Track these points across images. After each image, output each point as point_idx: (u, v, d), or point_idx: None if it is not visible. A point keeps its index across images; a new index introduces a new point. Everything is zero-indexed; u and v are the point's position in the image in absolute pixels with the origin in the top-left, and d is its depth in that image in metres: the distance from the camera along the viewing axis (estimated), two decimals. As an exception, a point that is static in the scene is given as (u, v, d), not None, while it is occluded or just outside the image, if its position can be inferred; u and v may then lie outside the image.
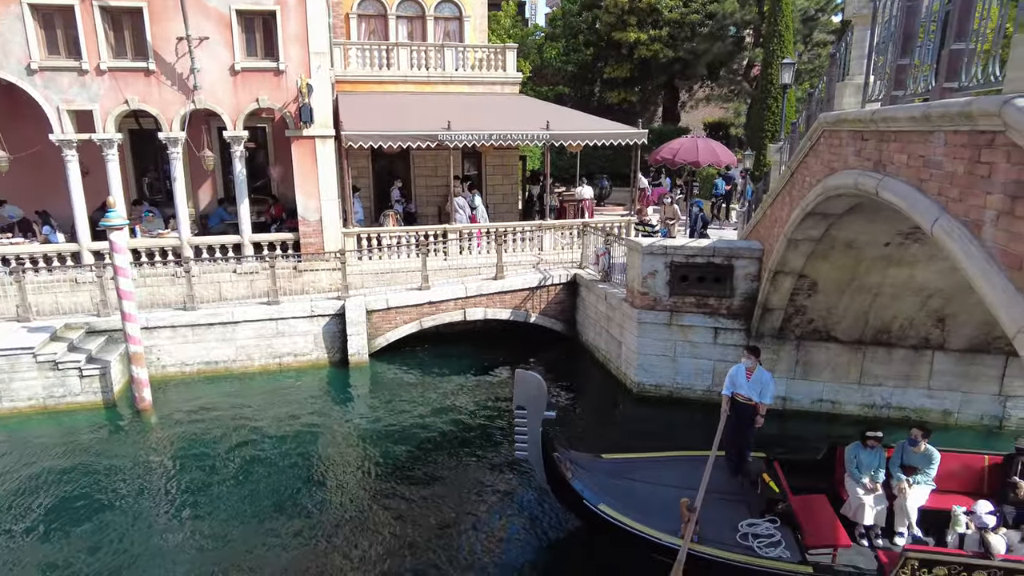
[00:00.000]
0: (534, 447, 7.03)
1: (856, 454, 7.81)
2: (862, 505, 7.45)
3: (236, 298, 14.20)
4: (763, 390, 8.12)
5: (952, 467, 7.99)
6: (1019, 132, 3.91)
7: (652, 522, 7.12)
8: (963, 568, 6.30)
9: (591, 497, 7.22)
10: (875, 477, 7.62)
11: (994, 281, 4.19)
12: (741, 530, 7.23)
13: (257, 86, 14.17)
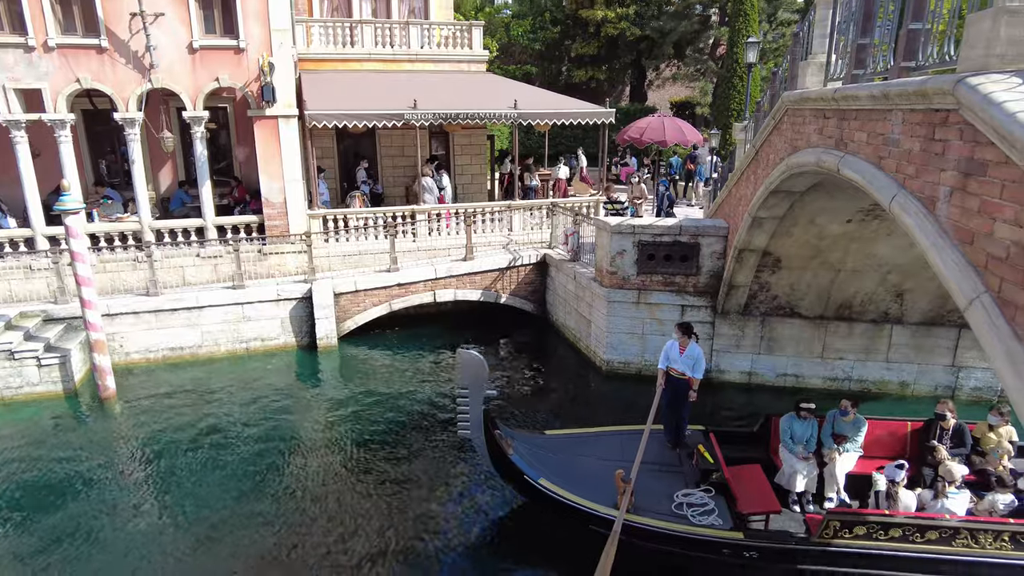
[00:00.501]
0: (477, 426, 7.14)
1: (790, 425, 8.14)
2: (794, 473, 7.79)
3: (200, 283, 13.92)
4: (695, 365, 8.29)
5: (878, 434, 8.45)
6: (971, 110, 4.01)
7: (590, 495, 7.29)
8: (880, 526, 6.69)
9: (531, 472, 7.37)
10: (808, 446, 7.96)
11: (947, 255, 4.31)
12: (676, 500, 7.45)
13: (217, 65, 13.77)
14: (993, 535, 6.57)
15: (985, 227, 3.96)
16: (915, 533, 6.67)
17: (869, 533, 6.72)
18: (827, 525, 6.72)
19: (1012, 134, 3.53)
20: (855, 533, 6.74)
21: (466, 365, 6.87)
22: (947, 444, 7.92)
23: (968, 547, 6.61)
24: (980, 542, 6.59)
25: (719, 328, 11.99)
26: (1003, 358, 3.65)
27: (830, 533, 6.76)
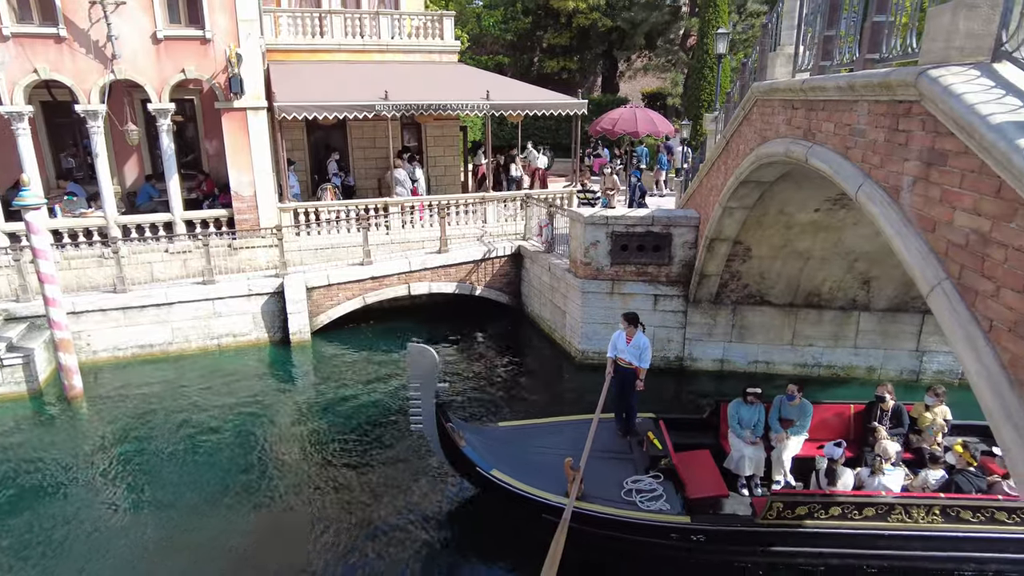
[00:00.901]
0: (429, 420, 7.15)
1: (737, 410, 8.34)
2: (742, 457, 8.00)
3: (169, 278, 13.66)
4: (641, 355, 8.35)
5: (824, 417, 8.74)
6: (932, 102, 4.11)
7: (542, 484, 7.36)
8: (820, 505, 6.93)
9: (483, 464, 7.43)
10: (756, 431, 8.17)
11: (910, 243, 4.43)
12: (626, 487, 7.56)
13: (182, 55, 13.47)
14: (925, 509, 6.88)
15: (946, 215, 4.07)
16: (854, 510, 6.92)
17: (811, 512, 6.94)
18: (771, 507, 6.93)
19: (971, 125, 3.63)
20: (797, 513, 6.95)
21: (416, 358, 6.85)
22: (887, 425, 8.23)
23: (902, 521, 6.91)
24: (913, 516, 6.89)
25: (691, 317, 12.14)
26: (963, 342, 3.76)
27: (774, 514, 6.95)
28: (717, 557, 7.27)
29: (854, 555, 7.16)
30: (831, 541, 7.04)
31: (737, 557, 7.30)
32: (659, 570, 7.34)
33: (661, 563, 7.32)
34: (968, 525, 6.91)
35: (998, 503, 6.89)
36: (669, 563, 7.31)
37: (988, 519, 6.88)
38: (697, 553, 7.22)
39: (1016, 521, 6.88)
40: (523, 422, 9.22)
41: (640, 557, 7.34)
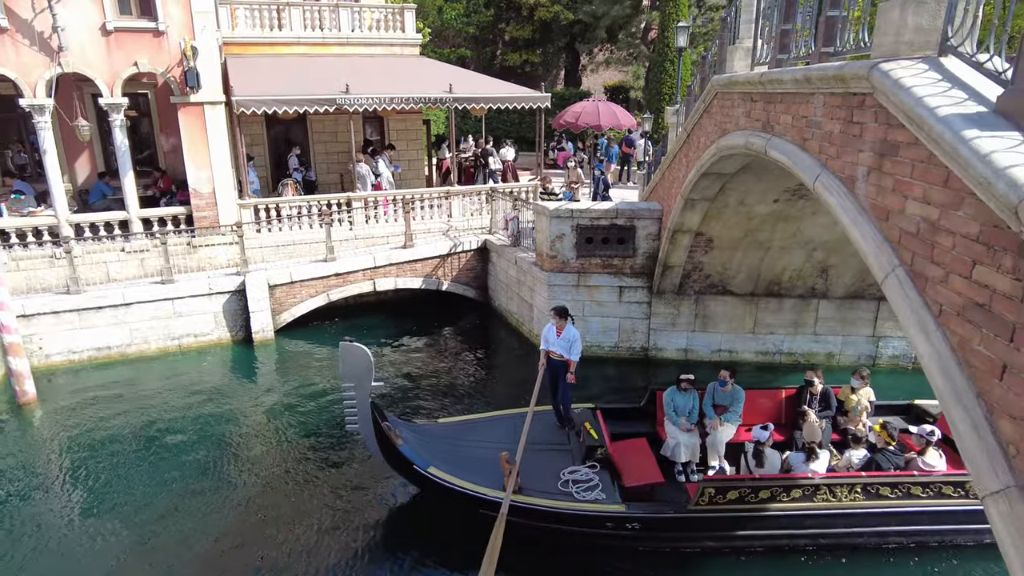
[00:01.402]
0: (365, 419, 7.04)
1: (672, 398, 8.50)
2: (678, 444, 8.20)
3: (127, 278, 13.27)
4: (572, 347, 8.32)
5: (757, 403, 9.00)
6: (884, 94, 4.23)
7: (479, 479, 7.36)
8: (750, 489, 7.10)
9: (420, 462, 7.38)
10: (690, 418, 8.36)
11: (865, 231, 4.56)
12: (563, 478, 7.60)
13: (135, 48, 13.07)
14: (848, 488, 7.15)
15: (898, 204, 4.21)
16: (782, 493, 7.12)
17: (741, 497, 7.10)
18: (702, 492, 7.07)
19: (920, 117, 3.75)
20: (729, 498, 7.11)
21: (348, 357, 6.71)
22: (816, 408, 8.51)
23: (827, 501, 7.16)
24: (837, 495, 7.15)
25: (655, 307, 12.30)
26: (915, 327, 3.90)
27: (705, 500, 7.09)
28: (652, 544, 7.41)
29: (784, 535, 7.39)
30: (761, 523, 7.25)
31: (672, 543, 7.46)
32: (596, 559, 7.39)
33: (598, 552, 7.39)
34: (887, 501, 7.22)
35: (913, 479, 7.23)
36: (606, 552, 7.37)
37: (905, 494, 7.21)
38: (633, 541, 7.34)
39: (929, 495, 7.21)
40: (462, 418, 9.14)
41: (578, 547, 7.39)
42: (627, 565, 7.27)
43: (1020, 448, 3.05)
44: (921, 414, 9.17)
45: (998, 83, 3.70)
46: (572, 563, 7.37)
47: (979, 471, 3.26)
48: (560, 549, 7.43)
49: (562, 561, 7.38)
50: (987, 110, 3.56)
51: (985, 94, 3.70)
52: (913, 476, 7.27)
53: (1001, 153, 3.17)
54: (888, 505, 7.24)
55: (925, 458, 7.56)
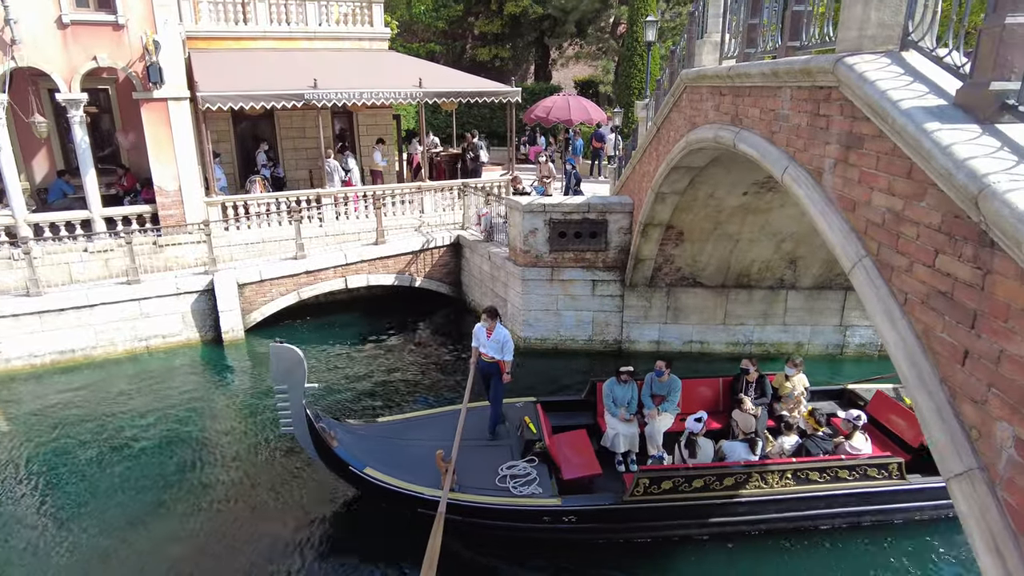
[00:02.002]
0: (299, 422, 6.99)
1: (611, 389, 8.56)
2: (617, 435, 8.29)
3: (90, 279, 12.94)
4: (503, 348, 8.19)
5: (696, 391, 9.20)
6: (849, 88, 4.31)
7: (417, 478, 7.31)
8: (684, 479, 7.21)
9: (356, 463, 7.32)
10: (630, 408, 8.45)
11: (832, 222, 4.65)
12: (500, 473, 7.59)
13: (93, 42, 12.71)
14: (779, 474, 7.31)
15: (864, 196, 4.30)
16: (715, 481, 7.25)
17: (676, 486, 7.19)
18: (637, 483, 7.13)
19: (883, 110, 3.83)
20: (663, 488, 7.19)
21: (279, 360, 6.64)
22: (752, 395, 8.69)
23: (759, 487, 7.32)
24: (769, 482, 7.32)
25: (628, 300, 12.41)
26: (881, 315, 3.99)
27: (640, 491, 7.16)
28: (590, 536, 7.44)
29: (718, 523, 7.54)
30: (696, 511, 7.36)
31: (609, 535, 7.50)
32: (535, 553, 7.39)
33: (537, 546, 7.40)
34: (817, 485, 7.41)
35: (841, 463, 7.44)
36: (545, 545, 7.39)
37: (833, 478, 7.41)
38: (570, 534, 7.35)
39: (856, 477, 7.45)
40: (402, 416, 9.05)
41: (517, 542, 7.38)
42: (566, 558, 7.30)
43: (982, 431, 3.15)
44: (854, 398, 9.49)
45: (957, 77, 3.79)
46: (511, 558, 7.33)
47: (944, 454, 3.35)
48: (500, 545, 7.40)
49: (502, 556, 7.34)
50: (947, 103, 3.65)
51: (945, 88, 3.80)
52: (841, 460, 7.49)
53: (961, 145, 3.26)
54: (818, 489, 7.43)
55: (852, 442, 7.79)
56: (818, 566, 7.35)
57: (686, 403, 8.81)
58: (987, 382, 3.10)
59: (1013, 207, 2.81)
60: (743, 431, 7.77)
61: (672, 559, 7.39)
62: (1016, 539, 2.89)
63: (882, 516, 7.84)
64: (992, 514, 3.01)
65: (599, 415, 8.86)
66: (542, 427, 8.23)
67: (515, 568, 7.24)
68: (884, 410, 8.89)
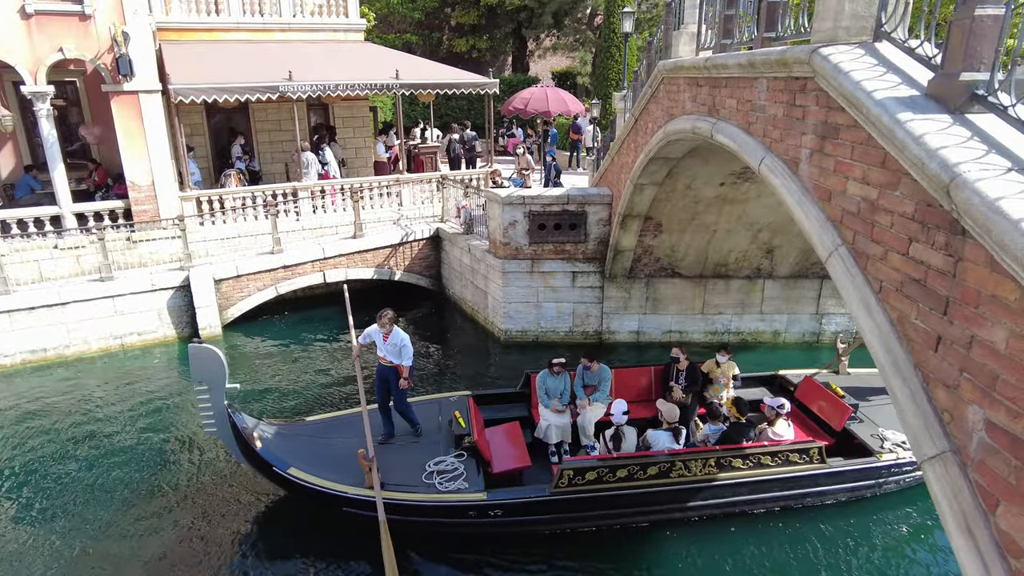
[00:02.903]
0: (222, 422, 6.91)
1: (544, 381, 8.62)
2: (549, 426, 8.34)
3: (61, 277, 12.68)
4: (401, 352, 7.92)
5: (628, 380, 9.29)
6: (824, 78, 4.36)
7: (340, 477, 7.21)
8: (608, 469, 7.21)
9: (279, 463, 7.21)
10: (562, 399, 8.53)
11: (809, 211, 4.72)
12: (428, 469, 7.48)
13: (59, 33, 12.39)
14: (702, 462, 7.37)
15: (839, 185, 4.36)
16: (639, 470, 7.26)
17: (600, 477, 7.20)
18: (561, 475, 7.13)
19: (858, 100, 3.89)
20: (587, 479, 7.19)
21: (199, 361, 6.56)
22: (682, 383, 8.77)
23: (683, 476, 7.37)
24: (692, 470, 7.37)
25: (608, 291, 12.47)
26: (857, 303, 4.06)
27: (565, 482, 7.16)
28: (518, 529, 7.41)
29: (644, 511, 7.60)
30: (622, 501, 7.39)
31: (537, 527, 7.49)
32: (463, 548, 7.31)
33: (465, 541, 7.35)
34: (740, 472, 7.51)
35: (763, 449, 7.53)
36: (473, 540, 7.34)
37: (756, 464, 7.51)
38: (497, 528, 7.32)
39: (778, 463, 7.56)
40: (331, 414, 8.89)
41: (444, 538, 7.32)
42: (493, 552, 7.27)
43: (954, 415, 3.22)
44: (785, 384, 9.67)
45: (928, 68, 3.86)
46: (438, 555, 7.26)
47: (918, 438, 3.43)
48: (427, 541, 7.32)
49: (428, 553, 7.27)
50: (919, 93, 3.72)
51: (917, 78, 3.87)
52: (763, 447, 7.59)
53: (933, 135, 3.32)
54: (741, 475, 7.52)
55: (775, 429, 7.92)
56: (743, 551, 7.45)
57: (620, 392, 8.87)
58: (959, 367, 3.17)
59: (983, 196, 2.87)
60: (667, 420, 7.79)
61: (599, 549, 7.42)
62: (987, 518, 2.97)
63: (806, 500, 7.98)
64: (964, 495, 3.09)
65: (534, 407, 8.87)
66: (471, 421, 8.11)
67: (441, 565, 7.18)
68: (811, 396, 9.06)
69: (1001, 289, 2.88)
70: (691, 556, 7.40)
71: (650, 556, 7.40)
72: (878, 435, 8.29)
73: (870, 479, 8.04)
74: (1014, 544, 2.80)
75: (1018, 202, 2.76)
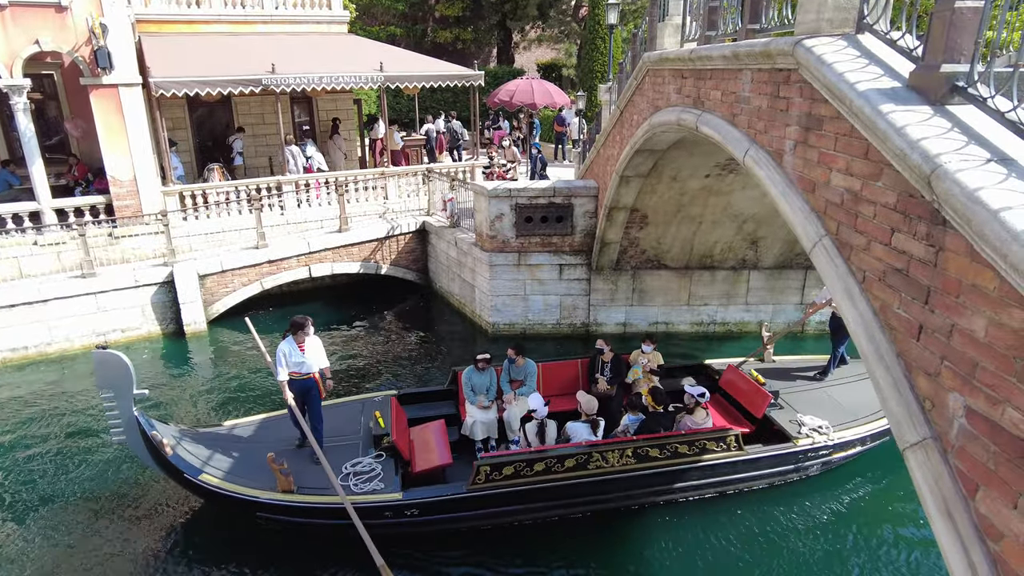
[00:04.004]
0: (131, 429, 6.74)
1: (470, 377, 8.58)
2: (475, 422, 8.29)
3: (42, 274, 12.50)
4: (320, 355, 7.68)
5: (556, 373, 9.27)
6: (808, 70, 4.39)
7: (255, 482, 7.07)
8: (525, 463, 7.16)
9: (190, 470, 7.06)
10: (489, 395, 8.50)
11: (793, 203, 4.75)
12: (344, 471, 7.33)
13: (34, 25, 12.16)
14: (619, 453, 7.33)
15: (823, 176, 4.40)
16: (556, 463, 7.20)
17: (517, 471, 7.13)
18: (478, 471, 7.05)
19: (841, 92, 3.92)
20: (505, 474, 7.11)
21: (103, 367, 6.41)
22: (607, 375, 8.85)
23: (601, 467, 7.31)
24: (610, 461, 7.32)
25: (595, 284, 12.51)
26: (841, 293, 4.10)
27: (482, 479, 7.07)
28: (436, 528, 7.31)
29: (562, 504, 7.53)
30: (541, 495, 7.31)
31: (455, 524, 7.38)
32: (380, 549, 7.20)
33: (384, 542, 7.07)
34: (658, 461, 7.47)
35: (680, 437, 7.53)
36: (392, 541, 7.11)
37: (673, 453, 7.50)
38: (414, 527, 7.21)
39: (695, 451, 7.56)
40: (253, 417, 8.63)
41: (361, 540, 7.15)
42: (411, 551, 7.17)
43: (935, 402, 3.28)
44: (711, 373, 9.76)
45: (910, 59, 3.90)
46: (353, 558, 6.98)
47: (900, 425, 3.48)
48: (345, 544, 7.08)
49: (343, 558, 7.12)
50: (901, 85, 3.75)
51: (899, 70, 3.90)
52: (679, 435, 7.58)
53: (914, 126, 3.35)
54: (659, 465, 7.49)
55: (694, 417, 7.93)
56: (665, 541, 7.49)
57: (548, 385, 8.90)
58: (940, 355, 3.22)
59: (963, 186, 2.91)
60: (586, 412, 7.75)
61: (519, 544, 7.39)
62: (966, 503, 3.03)
63: (727, 487, 8.05)
64: (945, 481, 3.14)
65: (461, 404, 8.79)
66: (391, 421, 7.94)
67: (353, 569, 7.00)
68: (734, 384, 9.14)
69: (981, 278, 2.92)
70: (612, 548, 7.40)
71: (570, 549, 7.36)
72: (797, 421, 8.35)
73: (788, 464, 8.12)
74: (992, 528, 2.85)
75: (997, 192, 2.80)
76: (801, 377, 9.56)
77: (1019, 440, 2.70)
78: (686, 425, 7.89)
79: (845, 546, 7.48)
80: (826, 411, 8.60)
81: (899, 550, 7.39)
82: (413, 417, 8.62)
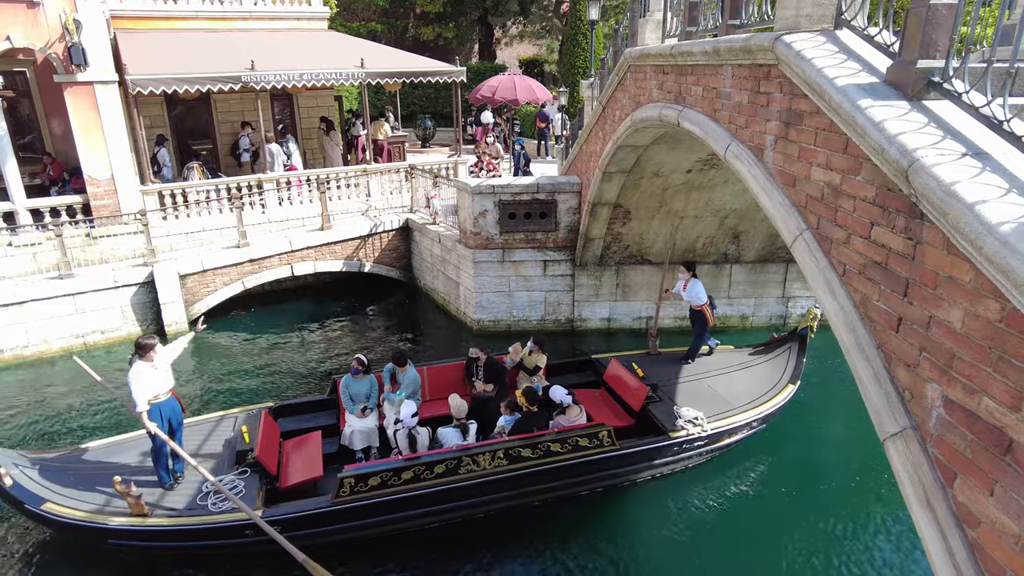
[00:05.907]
0: None
1: (347, 385, 8.27)
2: (353, 431, 8.03)
3: (17, 275, 12.28)
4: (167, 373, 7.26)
5: (442, 377, 9.12)
6: (787, 65, 4.43)
7: (106, 507, 6.72)
8: (392, 473, 6.96)
9: (32, 499, 6.62)
10: (369, 403, 8.24)
11: (774, 197, 4.80)
12: (203, 491, 7.00)
13: (5, 21, 11.91)
14: (490, 455, 7.18)
15: (803, 171, 4.45)
16: (425, 470, 7.02)
17: (384, 482, 6.92)
18: (343, 484, 6.82)
19: (820, 87, 3.96)
20: (371, 485, 6.89)
21: None
22: (483, 378, 8.70)
23: (472, 471, 7.15)
24: (481, 464, 7.17)
25: (579, 280, 12.55)
26: (822, 286, 4.16)
27: (347, 491, 6.84)
28: (301, 543, 6.60)
29: (433, 512, 7.32)
30: (413, 503, 7.10)
31: (321, 539, 7.01)
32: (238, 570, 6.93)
33: (244, 561, 6.94)
34: (532, 462, 7.34)
35: (550, 436, 7.44)
36: (253, 559, 6.90)
37: (546, 452, 7.37)
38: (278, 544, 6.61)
39: (568, 449, 7.45)
40: (111, 439, 8.09)
41: (222, 559, 6.90)
42: (273, 570, 6.79)
43: (914, 393, 3.33)
44: (598, 368, 9.78)
45: (887, 55, 3.95)
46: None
47: (880, 416, 3.54)
48: (203, 565, 6.91)
49: None
50: (878, 80, 3.80)
51: (876, 66, 3.95)
52: (550, 433, 7.50)
53: (892, 121, 3.40)
54: (533, 465, 7.35)
55: (567, 415, 7.88)
56: (543, 542, 7.42)
57: (435, 389, 8.77)
58: (919, 346, 3.28)
59: (940, 180, 2.96)
60: (455, 416, 7.64)
61: (387, 555, 7.22)
62: (945, 491, 3.08)
63: (606, 483, 8.02)
64: (923, 469, 3.20)
65: (342, 413, 8.49)
66: (258, 436, 7.56)
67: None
68: (617, 377, 9.15)
69: (957, 271, 2.97)
70: (494, 551, 7.29)
71: (442, 557, 7.21)
72: (675, 413, 8.32)
73: (666, 456, 8.12)
74: (970, 515, 2.91)
75: (972, 186, 2.85)
76: (680, 369, 9.54)
77: (995, 429, 2.76)
78: (559, 423, 7.79)
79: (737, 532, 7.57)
80: (704, 402, 8.61)
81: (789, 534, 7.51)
82: (290, 430, 8.32)
